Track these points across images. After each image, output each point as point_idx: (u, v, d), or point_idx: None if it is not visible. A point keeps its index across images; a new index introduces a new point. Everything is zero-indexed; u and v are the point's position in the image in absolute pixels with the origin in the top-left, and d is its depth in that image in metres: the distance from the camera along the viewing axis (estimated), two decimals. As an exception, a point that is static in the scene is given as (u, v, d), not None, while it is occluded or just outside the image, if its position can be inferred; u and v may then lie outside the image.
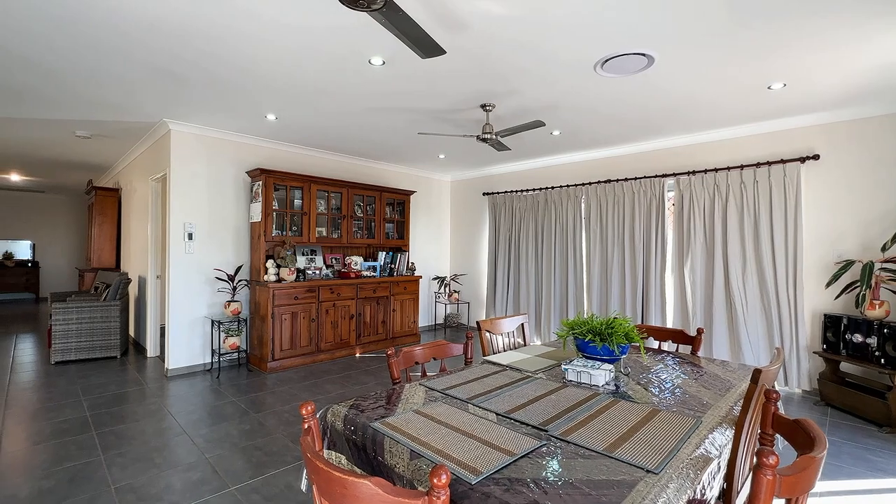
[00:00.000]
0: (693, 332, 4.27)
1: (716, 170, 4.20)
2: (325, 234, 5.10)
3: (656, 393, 1.65)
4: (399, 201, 5.85)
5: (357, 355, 5.03)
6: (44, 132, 4.57)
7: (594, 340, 1.85)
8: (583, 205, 5.27)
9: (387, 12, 1.72)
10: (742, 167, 4.03)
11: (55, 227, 9.82)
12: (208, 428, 3.02)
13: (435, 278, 6.58)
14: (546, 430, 1.29)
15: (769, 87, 3.12)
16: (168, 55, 2.71)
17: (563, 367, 1.83)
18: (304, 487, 1.45)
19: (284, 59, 2.76)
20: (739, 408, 1.54)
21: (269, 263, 4.44)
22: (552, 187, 5.50)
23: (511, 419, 1.38)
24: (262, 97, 3.46)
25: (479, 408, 1.47)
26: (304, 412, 1.13)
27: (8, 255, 9.25)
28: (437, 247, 6.81)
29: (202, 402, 3.51)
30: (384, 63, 2.80)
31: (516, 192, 5.92)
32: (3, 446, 2.69)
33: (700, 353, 3.92)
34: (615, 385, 1.75)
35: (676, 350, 2.41)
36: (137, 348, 5.27)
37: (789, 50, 2.54)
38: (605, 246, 5.03)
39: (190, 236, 4.32)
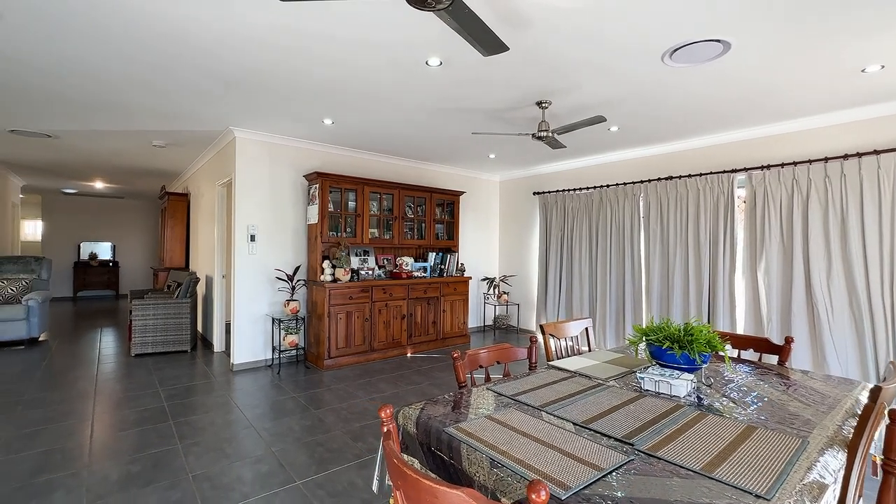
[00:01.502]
0: (776, 340, 3.93)
1: (795, 163, 3.85)
2: (377, 235, 5.19)
3: (746, 407, 1.52)
4: (448, 202, 5.85)
5: (408, 355, 5.08)
6: (125, 143, 4.97)
7: (672, 348, 1.73)
8: (641, 203, 5.02)
9: (453, 11, 1.70)
10: (826, 159, 3.67)
11: (132, 229, 10.70)
12: (272, 422, 3.14)
13: (484, 279, 6.53)
14: (632, 444, 1.20)
15: (863, 70, 2.81)
16: (236, 67, 2.84)
17: (637, 375, 1.73)
18: (375, 489, 1.45)
19: (343, 66, 2.82)
20: (851, 428, 1.37)
21: (325, 264, 4.58)
22: (607, 185, 5.29)
23: (590, 430, 1.31)
24: (320, 103, 3.56)
25: (554, 416, 1.41)
26: (383, 415, 1.12)
27: (93, 256, 10.18)
28: (485, 247, 6.75)
29: (265, 397, 3.66)
30: (441, 63, 2.79)
31: (568, 190, 5.75)
32: (94, 432, 2.93)
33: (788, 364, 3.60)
34: (697, 397, 1.63)
35: (759, 360, 2.22)
36: (205, 343, 5.60)
37: (892, 28, 2.27)
38: (665, 246, 4.77)
39: (252, 238, 4.53)
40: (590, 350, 2.43)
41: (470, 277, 5.77)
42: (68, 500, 2.14)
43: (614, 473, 1.05)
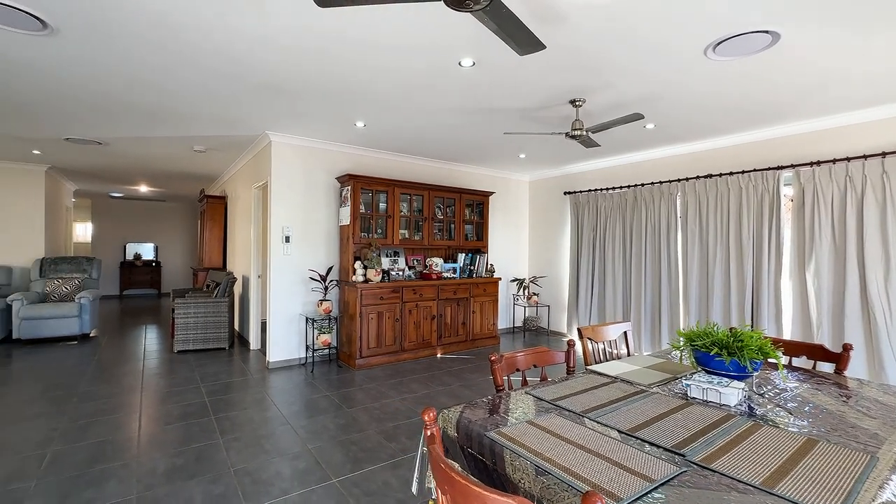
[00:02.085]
0: (828, 346, 3.72)
1: (848, 159, 3.63)
2: (407, 235, 5.23)
3: (804, 418, 1.43)
4: (478, 202, 5.83)
5: (438, 356, 5.09)
6: (168, 148, 5.20)
7: (721, 354, 1.66)
8: (678, 202, 4.85)
9: (491, 11, 1.69)
10: (884, 154, 3.44)
11: (173, 230, 11.19)
12: (307, 419, 3.21)
13: (513, 280, 6.47)
14: (682, 455, 1.16)
15: (929, 59, 2.62)
16: (275, 73, 2.92)
17: (683, 382, 1.66)
18: (414, 490, 1.46)
19: (377, 70, 2.84)
20: (924, 444, 1.27)
21: (357, 265, 4.64)
22: (642, 184, 5.14)
23: (636, 438, 1.27)
24: (353, 106, 3.61)
25: (597, 422, 1.38)
26: (426, 418, 1.12)
27: (137, 256, 10.71)
28: (515, 248, 6.69)
29: (300, 395, 3.74)
30: (474, 64, 2.78)
31: (601, 190, 5.62)
32: (142, 425, 3.07)
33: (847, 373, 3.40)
34: (748, 406, 1.55)
35: (813, 367, 2.09)
36: (241, 341, 5.79)
37: (966, 10, 2.10)
38: (704, 247, 4.59)
39: (287, 239, 4.65)
40: (629, 355, 2.36)
41: (499, 278, 5.72)
42: (120, 490, 2.25)
43: (667, 486, 1.01)
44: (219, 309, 5.24)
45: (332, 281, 4.81)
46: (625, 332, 2.39)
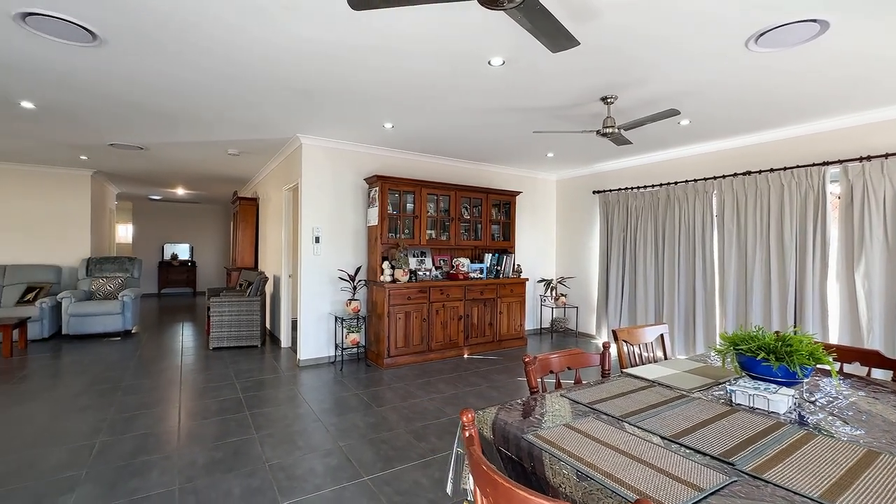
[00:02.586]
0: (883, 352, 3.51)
1: (902, 153, 3.41)
2: (433, 236, 5.25)
3: (861, 428, 1.35)
4: (505, 202, 5.79)
5: (465, 356, 5.08)
6: (204, 152, 5.39)
7: (768, 359, 1.58)
8: (714, 201, 4.68)
9: (525, 8, 1.67)
10: (944, 148, 3.22)
11: (207, 231, 11.60)
12: (338, 417, 3.26)
13: (541, 281, 6.39)
14: (731, 464, 1.11)
15: None
16: (308, 78, 2.98)
17: (727, 387, 1.60)
18: (449, 491, 1.45)
19: (406, 71, 2.86)
20: None
21: (385, 265, 4.69)
22: (675, 182, 4.98)
23: (680, 444, 1.22)
24: (381, 108, 3.64)
25: (637, 427, 1.34)
26: (465, 419, 1.11)
27: (174, 256, 11.14)
28: (542, 248, 6.61)
29: (330, 393, 3.81)
30: (504, 63, 2.76)
31: (632, 189, 5.48)
32: (182, 419, 3.19)
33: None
34: (799, 414, 1.48)
35: (868, 374, 1.98)
36: (272, 339, 5.94)
37: None
38: (743, 247, 4.41)
39: (317, 240, 4.74)
40: (666, 358, 2.29)
41: (527, 279, 5.67)
42: (163, 481, 2.34)
43: (716, 496, 0.97)
44: (251, 308, 5.39)
45: (360, 281, 4.87)
46: (661, 335, 2.32)
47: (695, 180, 4.80)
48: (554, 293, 6.42)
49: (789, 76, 2.91)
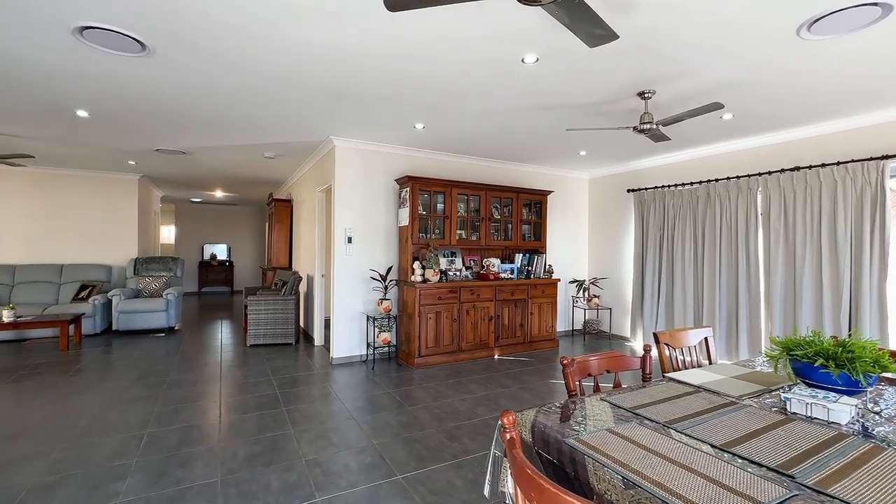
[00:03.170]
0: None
1: (975, 145, 3.14)
2: (464, 236, 5.23)
3: (938, 443, 1.24)
4: (536, 202, 5.71)
5: (495, 357, 5.04)
6: (242, 156, 5.58)
7: (827, 366, 1.49)
8: (759, 198, 4.46)
9: (562, 3, 1.63)
10: None
11: (244, 232, 12.02)
12: (370, 415, 3.30)
13: (572, 282, 6.27)
14: (791, 477, 1.04)
15: None
16: (340, 82, 3.03)
17: (782, 395, 1.51)
18: (487, 493, 1.44)
19: (439, 72, 2.86)
20: None
21: (416, 265, 4.71)
22: (716, 179, 4.78)
23: (732, 454, 1.16)
24: (413, 108, 3.66)
25: (685, 435, 1.28)
26: (505, 421, 1.09)
27: (213, 256, 11.61)
28: (574, 248, 6.48)
29: (362, 390, 3.86)
30: (537, 60, 2.72)
31: (669, 186, 5.30)
32: (222, 413, 3.30)
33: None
34: (862, 425, 1.38)
35: (939, 385, 1.82)
36: (306, 337, 6.08)
37: None
38: (791, 247, 4.18)
39: (349, 240, 4.81)
40: (710, 363, 2.19)
41: (558, 280, 5.57)
42: (207, 472, 2.43)
43: (777, 509, 0.92)
44: (286, 306, 5.54)
45: (391, 281, 4.91)
46: (705, 339, 2.22)
47: (737, 177, 4.59)
48: (586, 294, 6.28)
49: (845, 65, 2.73)
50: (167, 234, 11.25)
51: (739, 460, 1.13)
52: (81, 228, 6.81)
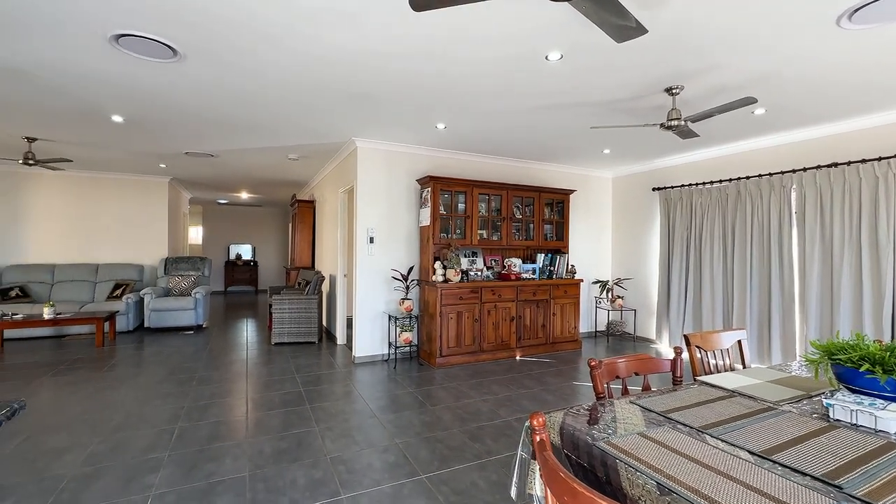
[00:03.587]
0: None
1: None
2: (485, 236, 5.21)
3: None
4: (558, 201, 5.64)
5: (517, 358, 5.00)
6: (267, 158, 5.69)
7: (873, 371, 1.41)
8: (793, 196, 4.29)
9: (591, -3, 1.60)
10: None
11: (268, 233, 12.27)
12: (393, 414, 3.31)
13: (595, 282, 6.17)
14: (839, 487, 0.99)
15: None
16: (364, 84, 3.05)
17: (824, 401, 1.44)
18: (513, 495, 1.42)
19: (461, 72, 2.86)
20: None
21: (437, 265, 4.72)
22: (747, 177, 4.62)
23: (773, 462, 1.12)
24: (435, 109, 3.67)
25: (721, 440, 1.24)
26: (535, 423, 1.07)
27: (238, 256, 11.89)
28: (597, 248, 6.38)
29: (384, 389, 3.88)
30: (561, 57, 2.68)
31: (696, 185, 5.15)
32: (249, 409, 3.38)
33: None
34: (913, 434, 1.30)
35: None
36: (329, 336, 6.16)
37: None
38: (828, 247, 4.00)
39: (371, 240, 4.85)
40: (744, 366, 2.12)
41: (581, 280, 5.49)
42: (235, 467, 2.48)
43: (824, 521, 0.87)
44: (310, 305, 5.62)
45: (412, 280, 4.93)
46: (738, 342, 2.15)
47: (770, 174, 4.42)
48: (610, 295, 6.17)
49: (888, 54, 2.60)
50: (195, 234, 11.59)
51: (781, 468, 1.08)
52: (115, 229, 7.08)
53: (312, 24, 2.30)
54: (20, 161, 4.69)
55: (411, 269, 4.80)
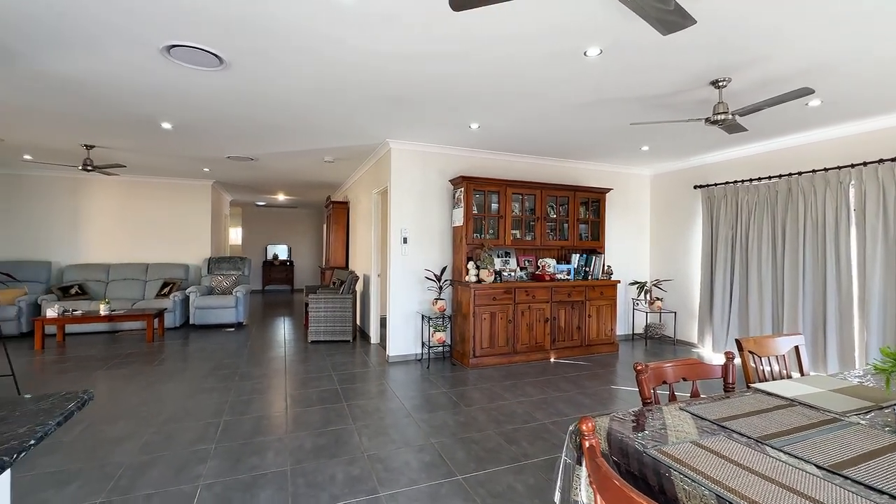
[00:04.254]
0: None
1: None
2: (518, 236, 5.15)
3: None
4: (594, 200, 5.51)
5: (551, 360, 4.92)
6: (304, 161, 5.85)
7: (956, 382, 1.30)
8: (852, 192, 4.01)
9: (637, -11, 1.55)
10: None
11: (303, 233, 12.62)
12: (428, 414, 3.32)
13: (633, 283, 5.98)
14: (923, 507, 0.92)
15: None
16: (400, 86, 3.08)
17: (897, 413, 1.34)
18: (557, 500, 1.39)
19: (497, 70, 2.83)
20: None
21: (470, 265, 4.70)
22: (799, 173, 4.36)
23: (844, 477, 1.04)
24: (469, 109, 3.66)
25: (783, 452, 1.17)
26: (584, 428, 1.05)
27: (275, 256, 12.28)
28: (634, 248, 6.19)
29: (418, 389, 3.90)
30: (601, 52, 2.61)
31: (742, 182, 4.91)
32: (289, 405, 3.47)
33: None
34: None
35: None
36: (362, 335, 6.26)
37: None
38: (891, 247, 3.72)
39: (405, 240, 4.90)
40: (802, 374, 1.99)
41: (618, 281, 5.34)
42: (277, 461, 2.56)
43: (909, 544, 0.81)
44: (344, 304, 5.73)
45: (445, 281, 4.94)
46: (795, 347, 2.02)
47: (825, 169, 4.16)
48: (648, 297, 5.97)
49: (967, 38, 2.39)
50: (234, 235, 12.05)
51: (853, 484, 1.01)
52: (163, 230, 7.46)
53: (352, 29, 2.33)
54: (80, 167, 5.02)
55: (444, 269, 4.81)
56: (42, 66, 2.85)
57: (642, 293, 5.95)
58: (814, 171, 4.24)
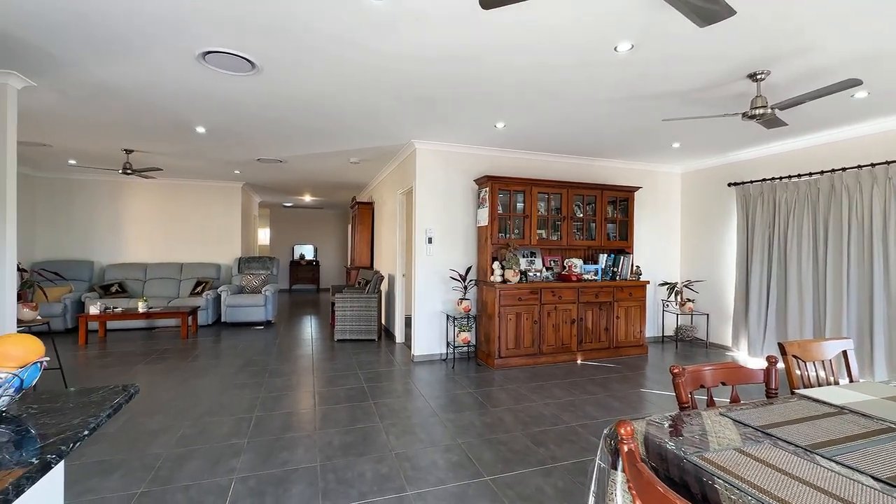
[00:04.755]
0: None
1: None
2: (544, 236, 5.10)
3: None
4: (622, 199, 5.39)
5: (578, 362, 4.84)
6: (331, 162, 5.95)
7: None
8: (902, 189, 3.79)
9: (674, -20, 1.50)
10: None
11: (329, 234, 12.83)
12: (454, 414, 3.32)
13: (662, 284, 5.82)
14: None
15: None
16: (427, 86, 3.09)
17: (962, 424, 1.25)
18: (591, 505, 1.36)
19: (526, 68, 2.80)
20: None
21: (495, 265, 4.68)
22: (843, 169, 4.15)
23: (905, 491, 0.98)
24: (496, 108, 3.63)
25: (835, 462, 1.11)
26: (622, 432, 1.02)
27: (302, 256, 12.53)
28: (664, 248, 6.02)
29: (444, 389, 3.91)
30: (632, 47, 2.55)
31: (780, 179, 4.70)
32: (317, 403, 3.53)
33: None
34: None
35: None
36: (387, 334, 6.32)
37: None
38: (947, 246, 3.49)
39: (430, 240, 4.91)
40: (851, 380, 1.89)
41: (647, 282, 5.20)
42: (307, 457, 2.61)
43: (984, 565, 0.75)
44: (370, 304, 5.80)
45: (470, 281, 4.93)
46: (843, 352, 1.92)
47: (872, 165, 3.94)
48: (679, 298, 5.80)
49: None
50: (263, 236, 12.36)
51: (916, 499, 0.95)
52: (195, 231, 7.72)
53: (378, 30, 2.35)
54: (119, 171, 5.24)
55: (469, 269, 4.80)
56: (87, 74, 3.00)
57: (672, 294, 5.78)
58: (859, 166, 4.02)
